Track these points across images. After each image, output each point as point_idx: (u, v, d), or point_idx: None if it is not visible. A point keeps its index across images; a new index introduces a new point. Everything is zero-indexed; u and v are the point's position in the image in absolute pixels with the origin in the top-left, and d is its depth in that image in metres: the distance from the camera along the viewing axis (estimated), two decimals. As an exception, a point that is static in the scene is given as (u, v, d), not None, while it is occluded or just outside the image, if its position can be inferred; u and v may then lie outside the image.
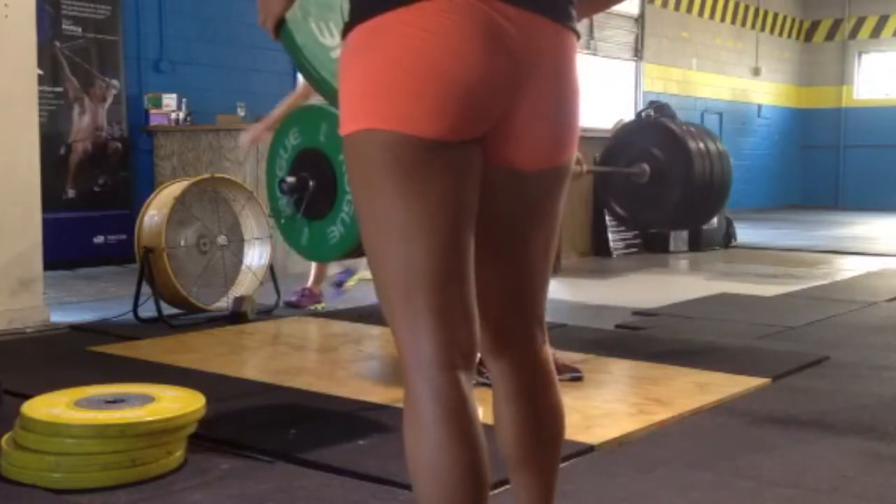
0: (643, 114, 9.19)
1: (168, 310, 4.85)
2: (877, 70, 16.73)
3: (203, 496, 2.44)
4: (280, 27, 1.60)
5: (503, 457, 1.58)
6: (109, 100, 7.45)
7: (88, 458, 2.47)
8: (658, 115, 4.40)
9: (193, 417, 2.64)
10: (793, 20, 16.90)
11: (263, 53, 5.44)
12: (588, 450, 2.80)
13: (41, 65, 5.74)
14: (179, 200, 4.88)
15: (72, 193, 7.22)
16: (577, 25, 1.47)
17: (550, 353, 1.61)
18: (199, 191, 5.06)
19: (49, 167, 5.99)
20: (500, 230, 1.49)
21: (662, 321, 5.13)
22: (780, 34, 16.66)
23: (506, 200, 1.47)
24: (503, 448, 1.57)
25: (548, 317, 1.62)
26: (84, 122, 7.29)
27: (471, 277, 1.41)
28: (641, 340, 4.58)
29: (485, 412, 1.41)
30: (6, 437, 2.60)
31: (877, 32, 16.53)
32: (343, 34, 1.42)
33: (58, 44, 7.09)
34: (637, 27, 13.52)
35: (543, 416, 1.56)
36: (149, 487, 2.48)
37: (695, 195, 3.94)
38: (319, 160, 2.96)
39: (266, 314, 5.10)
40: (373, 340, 4.52)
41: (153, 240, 4.80)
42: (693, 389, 3.54)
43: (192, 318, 4.91)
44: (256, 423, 3.08)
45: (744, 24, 15.67)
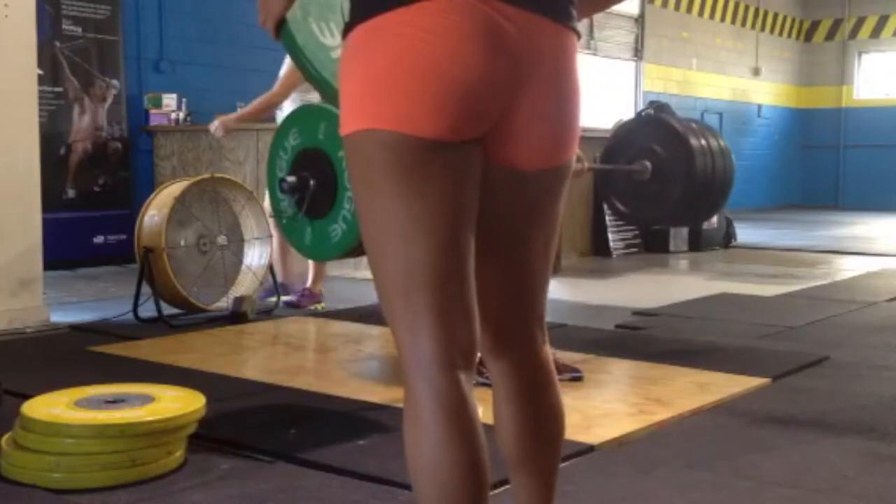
0: (643, 113, 9.20)
1: (168, 310, 4.85)
2: (877, 70, 16.73)
3: (203, 496, 2.44)
4: (280, 27, 1.60)
5: (503, 457, 1.58)
6: (109, 100, 7.45)
7: (88, 458, 2.47)
8: (659, 113, 4.39)
9: (193, 417, 2.64)
10: (793, 20, 16.90)
11: (263, 53, 5.44)
12: (588, 450, 2.80)
13: (41, 65, 5.74)
14: (179, 200, 4.88)
15: (72, 193, 7.22)
16: (578, 25, 1.47)
17: (550, 354, 1.61)
18: (199, 191, 5.06)
19: (49, 167, 5.99)
20: (501, 230, 1.49)
21: (662, 321, 5.13)
22: (780, 34, 16.66)
23: (506, 200, 1.47)
24: (503, 448, 1.57)
25: (548, 317, 1.62)
26: (84, 122, 7.29)
27: (471, 277, 1.41)
28: (641, 340, 4.58)
29: (485, 412, 1.41)
30: (6, 437, 2.61)
31: (877, 32, 16.53)
32: (343, 34, 1.42)
33: (58, 44, 7.09)
34: (637, 27, 13.52)
35: (543, 417, 1.56)
36: (149, 487, 2.48)
37: (696, 192, 3.93)
38: (319, 159, 2.96)
39: (266, 314, 5.11)
40: (373, 340, 4.52)
41: (153, 240, 4.80)
42: (693, 389, 3.54)
43: (192, 318, 4.91)
44: (256, 423, 3.08)
45: (744, 24, 15.67)
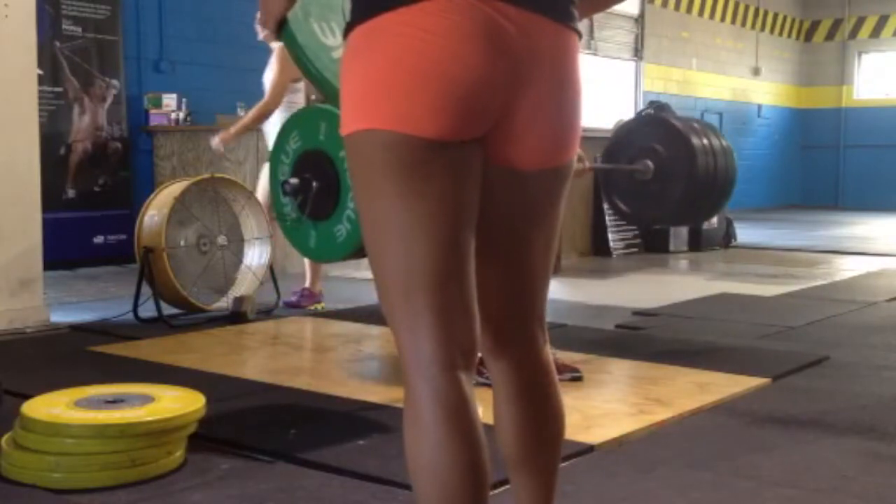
0: (643, 113, 9.19)
1: (168, 310, 4.85)
2: (877, 70, 16.73)
3: (203, 496, 2.44)
4: (282, 27, 1.60)
5: (503, 457, 1.58)
6: (109, 100, 7.45)
7: (88, 458, 2.47)
8: (659, 112, 4.39)
9: (193, 417, 2.64)
10: (793, 20, 16.90)
11: (263, 53, 5.44)
12: (588, 450, 2.80)
13: (41, 65, 5.74)
14: (179, 200, 4.88)
15: (72, 193, 7.22)
16: (579, 26, 1.47)
17: (551, 354, 1.61)
18: (199, 191, 5.06)
19: (49, 167, 5.99)
20: (501, 230, 1.49)
21: (662, 321, 5.13)
22: (780, 34, 16.66)
23: (506, 201, 1.47)
24: (503, 448, 1.57)
25: (548, 317, 1.62)
26: (84, 122, 7.29)
27: (471, 277, 1.41)
28: (641, 340, 4.58)
29: (485, 412, 1.41)
30: (6, 437, 2.61)
31: (877, 32, 16.52)
32: (344, 34, 1.42)
33: (58, 44, 7.09)
34: (637, 27, 13.52)
35: (544, 417, 1.56)
36: (149, 487, 2.48)
37: (698, 191, 3.92)
38: (321, 160, 2.94)
39: (266, 314, 5.11)
40: (373, 340, 4.52)
41: (153, 240, 4.80)
42: (693, 389, 3.54)
43: (192, 318, 4.91)
44: (256, 423, 3.08)
45: (744, 24, 15.67)
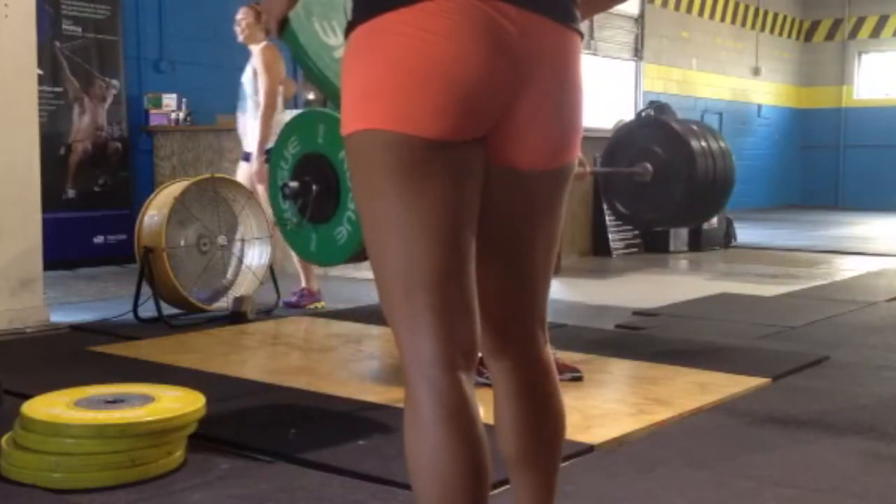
0: (643, 113, 9.19)
1: (168, 310, 4.85)
2: (877, 70, 16.73)
3: (203, 496, 2.44)
4: (283, 27, 1.60)
5: (503, 457, 1.58)
6: (109, 100, 7.45)
7: (88, 458, 2.47)
8: (659, 114, 4.39)
9: (193, 417, 2.64)
10: (793, 20, 16.90)
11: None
12: (588, 450, 2.80)
13: (41, 65, 5.74)
14: (179, 200, 4.88)
15: (72, 193, 7.23)
16: (581, 26, 1.47)
17: (552, 354, 1.61)
18: (199, 191, 5.06)
19: (49, 167, 5.99)
20: (502, 230, 1.48)
21: (662, 321, 5.13)
22: (780, 34, 16.66)
23: (507, 201, 1.46)
24: (503, 448, 1.57)
25: (548, 317, 1.62)
26: (84, 122, 7.30)
27: (471, 277, 1.41)
28: (641, 340, 4.58)
29: (485, 412, 1.41)
30: (6, 437, 2.61)
31: (877, 32, 16.52)
32: (346, 34, 1.42)
33: (58, 44, 7.09)
34: (637, 27, 13.52)
35: (544, 416, 1.56)
36: (149, 487, 2.48)
37: (698, 193, 3.93)
38: (320, 163, 2.92)
39: (266, 314, 5.11)
40: (373, 340, 4.52)
41: (153, 240, 4.80)
42: (693, 389, 3.54)
43: (192, 318, 4.91)
44: (256, 423, 3.08)
45: (744, 24, 15.67)
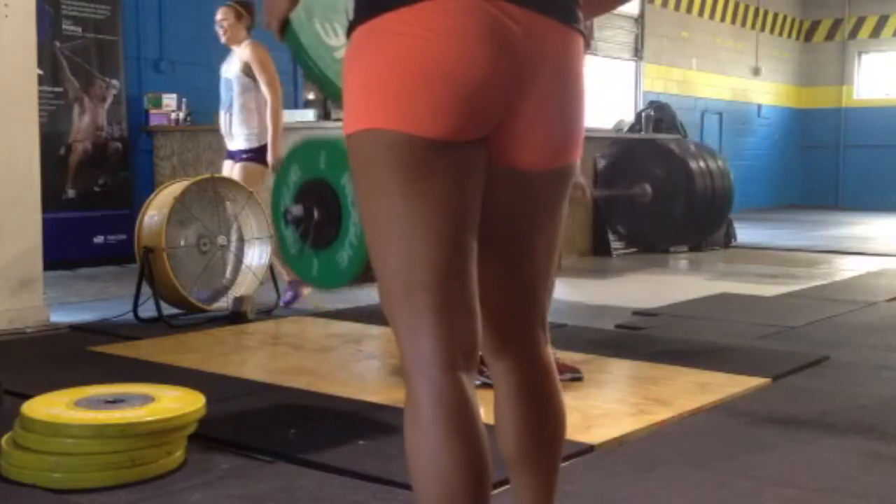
0: (643, 114, 9.19)
1: (168, 310, 4.85)
2: (877, 70, 16.73)
3: (203, 496, 2.44)
4: (285, 28, 1.60)
5: (503, 456, 1.58)
6: (109, 100, 7.45)
7: (88, 458, 2.47)
8: (659, 114, 4.38)
9: (193, 417, 2.65)
10: (793, 20, 16.90)
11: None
12: (588, 450, 2.80)
13: (41, 65, 5.75)
14: (179, 200, 4.88)
15: (72, 193, 7.23)
16: (583, 27, 1.47)
17: (552, 354, 1.61)
18: (199, 191, 5.06)
19: (49, 167, 5.99)
20: (503, 230, 1.48)
21: (662, 321, 5.13)
22: (780, 34, 16.66)
23: (509, 201, 1.46)
24: (503, 448, 1.57)
25: (548, 317, 1.62)
26: (84, 122, 7.30)
27: (473, 277, 1.40)
28: (641, 340, 4.58)
29: (485, 412, 1.41)
30: (6, 437, 2.61)
31: (877, 32, 16.52)
32: (347, 34, 1.42)
33: (58, 44, 7.09)
34: (637, 27, 13.51)
35: (545, 416, 1.56)
36: (149, 487, 2.48)
37: (697, 212, 3.94)
38: (322, 188, 2.91)
39: (266, 314, 5.10)
40: (373, 340, 4.52)
41: (153, 240, 4.80)
42: (693, 389, 3.54)
43: (192, 318, 4.91)
44: (256, 423, 3.08)
45: (744, 24, 15.66)
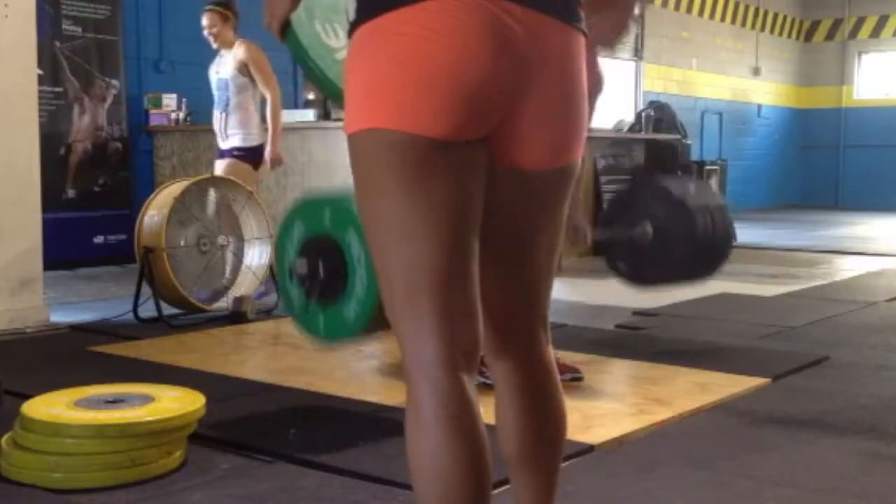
0: (643, 114, 9.16)
1: (168, 310, 4.85)
2: (877, 70, 16.72)
3: (203, 496, 2.44)
4: (285, 29, 1.60)
5: (504, 456, 1.58)
6: (109, 100, 7.45)
7: (88, 458, 2.47)
8: (658, 180, 4.38)
9: (193, 417, 2.64)
10: (793, 20, 16.89)
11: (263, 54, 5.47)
12: (588, 450, 2.80)
13: (41, 65, 5.74)
14: (179, 200, 4.88)
15: (72, 193, 7.23)
16: (585, 27, 1.47)
17: (553, 354, 1.61)
18: (199, 191, 5.06)
19: (49, 167, 5.99)
20: (505, 230, 1.48)
21: (662, 321, 5.13)
22: (780, 34, 16.66)
23: (510, 201, 1.46)
24: (504, 447, 1.57)
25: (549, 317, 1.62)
26: (84, 122, 7.30)
27: (475, 277, 1.40)
28: (641, 340, 4.58)
29: (486, 412, 1.41)
30: (6, 437, 2.61)
31: (877, 32, 16.52)
32: (349, 34, 1.42)
33: (58, 44, 7.09)
34: (637, 27, 13.51)
35: (545, 416, 1.56)
36: (149, 487, 2.48)
37: (700, 251, 3.95)
38: (327, 244, 2.90)
39: (266, 314, 5.10)
40: (373, 340, 4.51)
41: (153, 240, 4.80)
42: (693, 389, 3.54)
43: (192, 318, 4.91)
44: (256, 423, 3.08)
45: (744, 24, 15.66)
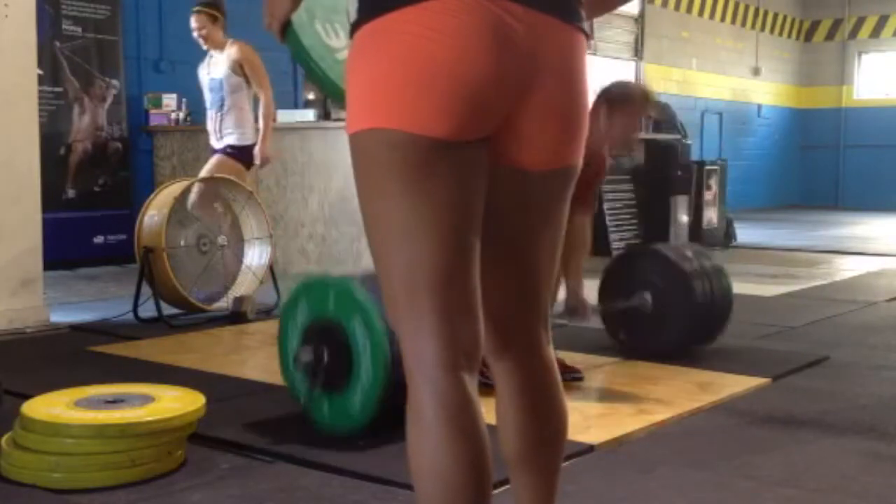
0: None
1: (168, 310, 4.85)
2: (877, 70, 16.72)
3: (203, 496, 2.44)
4: (286, 30, 1.60)
5: (504, 457, 1.58)
6: (109, 100, 7.45)
7: (88, 458, 2.47)
8: (655, 248, 4.45)
9: (193, 417, 2.64)
10: (793, 20, 16.89)
11: (263, 54, 5.46)
12: (588, 450, 2.80)
13: (41, 65, 5.74)
14: (179, 200, 4.88)
15: (72, 193, 7.22)
16: (586, 26, 1.47)
17: (553, 354, 1.61)
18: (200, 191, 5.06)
19: (49, 167, 5.98)
20: (506, 230, 1.48)
21: (662, 321, 5.12)
22: (780, 34, 16.66)
23: (512, 201, 1.46)
24: (505, 448, 1.57)
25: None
26: (84, 122, 7.29)
27: (475, 278, 1.40)
28: (641, 340, 4.57)
29: (487, 412, 1.41)
30: (6, 437, 2.61)
31: (877, 32, 16.52)
32: (350, 34, 1.42)
33: (58, 44, 7.09)
34: (637, 27, 13.51)
35: (546, 416, 1.56)
36: (149, 487, 2.48)
37: (698, 317, 4.05)
38: (332, 331, 2.90)
39: (266, 314, 5.10)
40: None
41: (153, 240, 4.80)
42: (693, 389, 3.54)
43: (192, 318, 4.91)
44: (256, 423, 3.08)
45: (744, 24, 15.66)
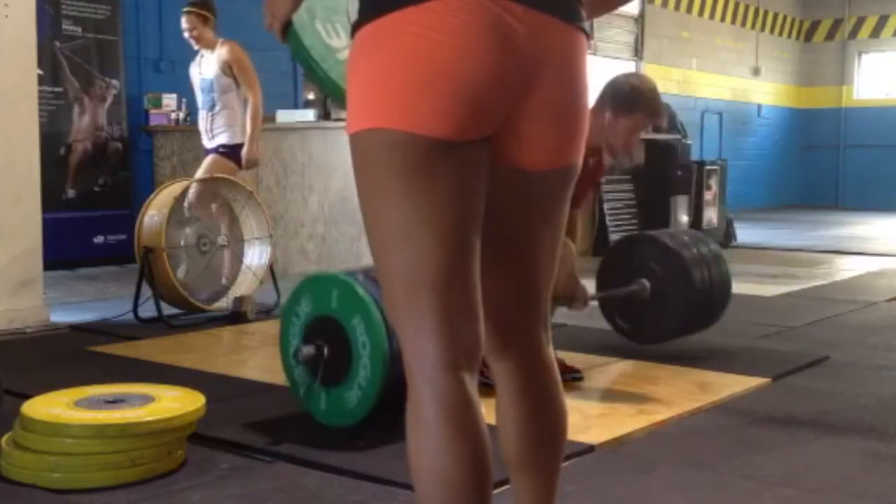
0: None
1: (168, 310, 4.85)
2: (877, 70, 16.72)
3: (203, 496, 2.44)
4: (286, 30, 1.60)
5: (504, 457, 1.58)
6: (109, 100, 7.45)
7: (88, 458, 2.47)
8: (652, 234, 4.45)
9: (193, 417, 2.64)
10: (793, 20, 16.89)
11: (263, 54, 5.46)
12: (588, 450, 2.80)
13: (41, 65, 5.74)
14: (179, 200, 4.88)
15: (72, 193, 7.22)
16: (586, 26, 1.47)
17: (553, 354, 1.61)
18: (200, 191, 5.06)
19: (49, 167, 5.99)
20: (507, 230, 1.48)
21: (662, 321, 5.12)
22: (780, 34, 16.66)
23: (512, 201, 1.46)
24: (505, 447, 1.57)
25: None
26: (84, 122, 7.29)
27: (476, 277, 1.40)
28: (641, 340, 4.57)
29: (487, 412, 1.41)
30: (6, 437, 2.61)
31: (877, 32, 16.52)
32: (351, 34, 1.42)
33: (58, 44, 7.09)
34: (637, 27, 13.51)
35: (546, 416, 1.56)
36: (149, 487, 2.48)
37: (696, 303, 4.07)
38: (333, 327, 2.94)
39: (266, 314, 5.10)
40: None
41: (153, 240, 4.80)
42: (693, 389, 3.54)
43: (192, 318, 4.91)
44: (256, 423, 3.08)
45: (744, 24, 15.66)
